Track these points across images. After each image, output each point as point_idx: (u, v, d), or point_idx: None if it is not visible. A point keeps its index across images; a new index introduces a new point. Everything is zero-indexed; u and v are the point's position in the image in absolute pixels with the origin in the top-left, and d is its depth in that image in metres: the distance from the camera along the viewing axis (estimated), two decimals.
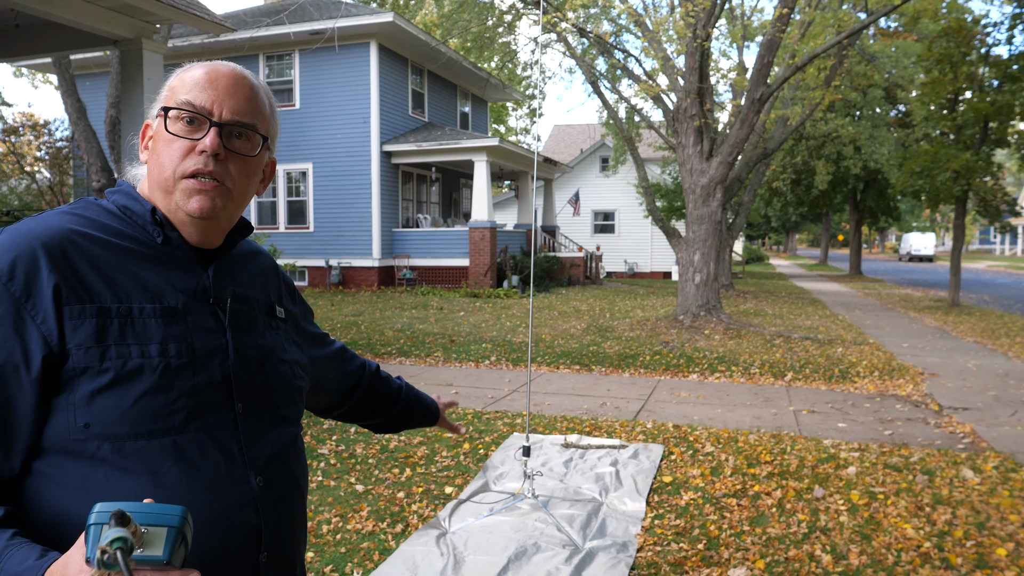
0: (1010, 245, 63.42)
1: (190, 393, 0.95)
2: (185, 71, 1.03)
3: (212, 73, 1.01)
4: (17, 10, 5.57)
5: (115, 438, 0.90)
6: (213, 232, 1.05)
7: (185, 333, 0.98)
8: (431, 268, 18.05)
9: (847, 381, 7.41)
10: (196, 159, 0.98)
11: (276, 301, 1.19)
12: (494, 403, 6.39)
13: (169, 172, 0.99)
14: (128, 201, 1.03)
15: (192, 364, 0.97)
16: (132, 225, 1.01)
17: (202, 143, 0.98)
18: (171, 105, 1.00)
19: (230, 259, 1.11)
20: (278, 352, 1.12)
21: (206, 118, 0.99)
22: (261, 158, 1.07)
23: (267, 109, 1.06)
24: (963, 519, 3.74)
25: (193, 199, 0.99)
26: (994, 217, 16.07)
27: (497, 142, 17.32)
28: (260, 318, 1.12)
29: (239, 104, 1.01)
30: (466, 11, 15.17)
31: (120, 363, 0.91)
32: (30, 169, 21.19)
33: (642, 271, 28.39)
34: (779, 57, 12.33)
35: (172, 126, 0.99)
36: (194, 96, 0.99)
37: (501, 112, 36.94)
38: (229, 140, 1.00)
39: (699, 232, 11.46)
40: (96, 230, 0.98)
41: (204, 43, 17.16)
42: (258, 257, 1.22)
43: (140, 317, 0.95)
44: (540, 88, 19.71)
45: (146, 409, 0.91)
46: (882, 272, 33.44)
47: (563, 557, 3.26)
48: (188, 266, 1.03)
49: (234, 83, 1.01)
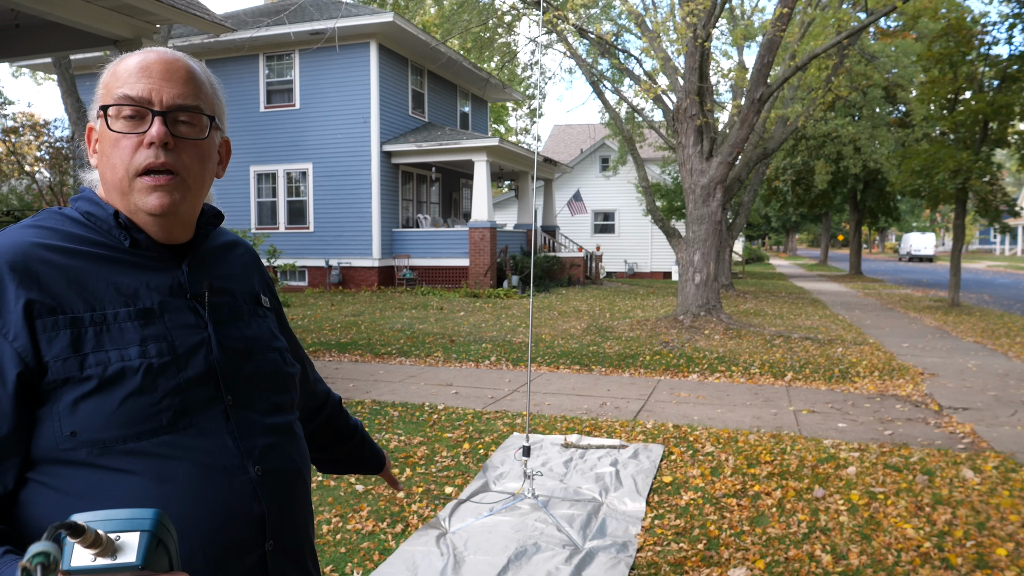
0: (1010, 245, 63.42)
1: (176, 391, 0.94)
2: (116, 64, 1.00)
3: (143, 61, 0.98)
4: (17, 10, 5.57)
5: (103, 443, 0.89)
6: (178, 226, 1.03)
7: (164, 332, 0.97)
8: (431, 268, 18.05)
9: (847, 381, 7.41)
10: (146, 153, 0.95)
11: (261, 290, 1.18)
12: (494, 403, 6.39)
13: (122, 172, 0.97)
14: (91, 207, 1.01)
15: (175, 362, 0.96)
16: (98, 231, 0.99)
17: (148, 135, 0.95)
18: (109, 102, 0.97)
19: (205, 252, 1.09)
20: (266, 340, 1.11)
21: (147, 109, 0.95)
22: (212, 140, 1.04)
23: (208, 88, 1.03)
24: (963, 519, 3.74)
25: (151, 197, 0.96)
26: (994, 218, 16.07)
27: (497, 142, 17.32)
28: (244, 307, 1.10)
29: (178, 87, 0.98)
30: (466, 11, 15.17)
31: (100, 369, 0.90)
32: (30, 169, 21.19)
33: (642, 271, 28.39)
34: (779, 57, 12.34)
35: (114, 124, 0.96)
36: (130, 88, 0.96)
37: (501, 112, 36.94)
38: (175, 127, 0.97)
39: (699, 232, 11.46)
40: (60, 240, 0.96)
41: (204, 43, 17.17)
42: (237, 247, 1.20)
43: (115, 322, 0.94)
44: (540, 88, 19.70)
45: (132, 411, 0.91)
46: (882, 272, 33.44)
47: (563, 557, 3.26)
48: (160, 265, 1.01)
49: (168, 67, 0.98)
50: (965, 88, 15.17)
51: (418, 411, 6.04)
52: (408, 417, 5.83)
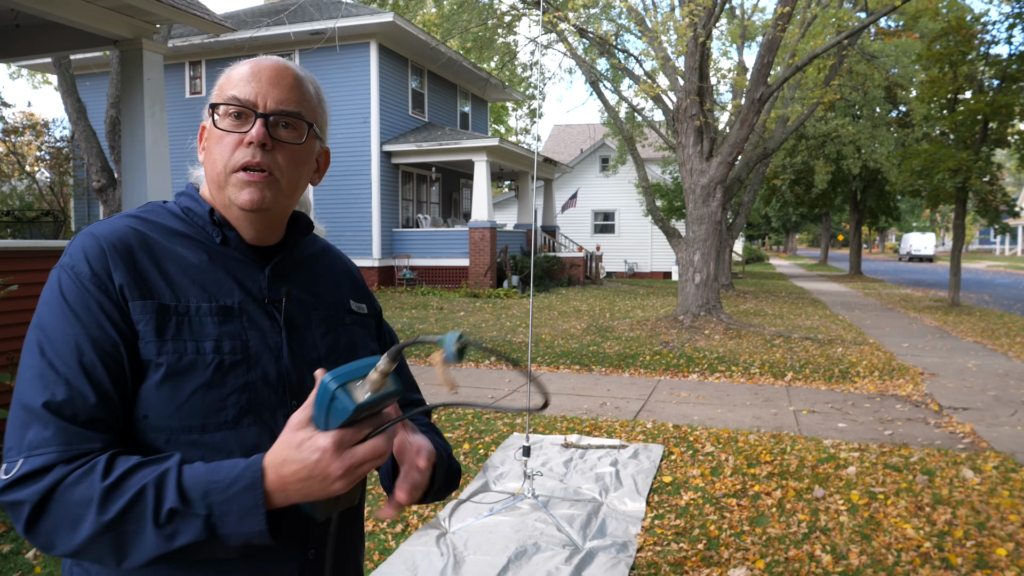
0: (1010, 245, 63.42)
1: (243, 389, 0.98)
2: (232, 69, 1.06)
3: (255, 67, 1.04)
4: (17, 10, 5.57)
5: (170, 431, 0.93)
6: (267, 226, 1.07)
7: (240, 331, 1.00)
8: (431, 268, 18.05)
9: (847, 381, 7.41)
10: (244, 151, 1.00)
11: (352, 298, 1.20)
12: (494, 403, 6.39)
13: (220, 167, 1.02)
14: (190, 203, 1.07)
15: (245, 361, 0.99)
16: (193, 226, 1.05)
17: (249, 135, 1.00)
18: (219, 101, 1.03)
19: (293, 258, 1.13)
20: (345, 349, 1.12)
21: (251, 110, 1.01)
22: (310, 147, 1.07)
23: (313, 98, 1.08)
24: (963, 519, 3.73)
25: (244, 192, 1.01)
26: (993, 218, 16.07)
27: (497, 142, 17.32)
28: (326, 315, 1.12)
29: (283, 94, 1.03)
30: (466, 11, 15.17)
31: (175, 358, 0.95)
32: (30, 169, 21.19)
33: (642, 271, 28.39)
34: (779, 57, 12.34)
35: (221, 122, 1.02)
36: (239, 90, 1.01)
37: (501, 112, 36.94)
38: (275, 130, 1.02)
39: (699, 232, 11.46)
40: (157, 231, 1.02)
41: (204, 43, 17.17)
42: (328, 255, 1.22)
43: (197, 315, 0.98)
44: (540, 88, 19.70)
45: (199, 403, 0.95)
46: (882, 272, 33.43)
47: (563, 557, 3.26)
48: (246, 265, 1.06)
49: (277, 74, 1.04)
50: (965, 88, 15.17)
51: None
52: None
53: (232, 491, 0.84)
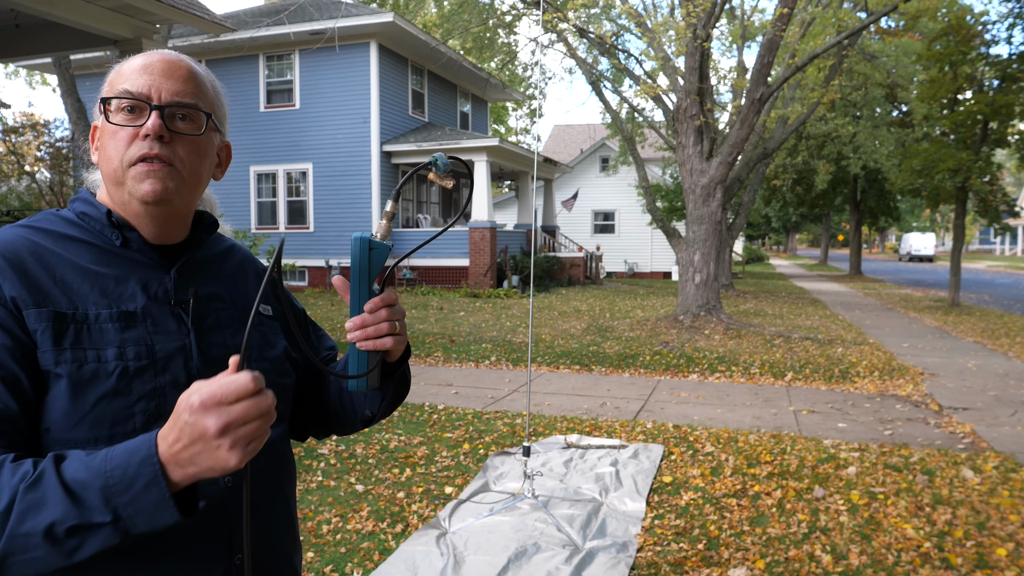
0: (1010, 245, 63.40)
1: (151, 395, 0.95)
2: (123, 63, 1.03)
3: (147, 60, 1.01)
4: (17, 10, 5.57)
5: (74, 443, 0.89)
6: (170, 222, 1.04)
7: (144, 336, 0.97)
8: (431, 268, 18.05)
9: (847, 381, 7.41)
10: (141, 144, 0.97)
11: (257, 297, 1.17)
12: (494, 403, 6.39)
13: (117, 163, 0.99)
14: (86, 207, 1.03)
15: (152, 366, 0.96)
16: (90, 231, 1.01)
17: (144, 127, 0.97)
18: (110, 96, 0.99)
19: (198, 258, 1.09)
20: (256, 349, 1.10)
21: (146, 103, 0.98)
22: (210, 138, 1.05)
23: (210, 90, 1.05)
24: (963, 519, 3.74)
25: (145, 183, 0.97)
26: (994, 218, 16.07)
27: (497, 142, 17.32)
28: (235, 315, 1.09)
29: (177, 85, 1.00)
30: (466, 11, 15.18)
31: (75, 367, 0.91)
32: (30, 169, 21.18)
33: (642, 271, 28.39)
34: (779, 57, 12.33)
35: (114, 117, 0.99)
36: (131, 83, 0.99)
37: (501, 112, 36.93)
38: (172, 122, 1.00)
39: (699, 232, 11.46)
40: (50, 239, 0.99)
41: (204, 43, 17.16)
42: (233, 254, 1.19)
43: (96, 322, 0.95)
44: (540, 88, 19.70)
45: (104, 413, 0.91)
46: (882, 272, 33.43)
47: (563, 557, 3.26)
48: (149, 268, 1.02)
49: (170, 66, 1.01)
50: (965, 88, 15.16)
51: (418, 411, 6.04)
52: (408, 417, 5.83)
53: (135, 489, 0.79)
